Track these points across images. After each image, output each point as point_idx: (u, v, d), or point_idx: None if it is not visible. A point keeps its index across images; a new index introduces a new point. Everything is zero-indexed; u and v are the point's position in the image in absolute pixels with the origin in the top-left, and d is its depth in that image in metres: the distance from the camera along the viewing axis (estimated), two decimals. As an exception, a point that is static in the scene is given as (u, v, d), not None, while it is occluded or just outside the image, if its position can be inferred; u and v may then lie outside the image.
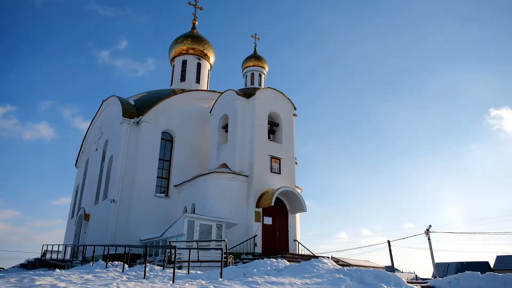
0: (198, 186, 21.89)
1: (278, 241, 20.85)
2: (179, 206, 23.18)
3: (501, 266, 78.33)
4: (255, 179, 21.09)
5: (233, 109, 23.29)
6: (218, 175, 21.03)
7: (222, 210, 20.04)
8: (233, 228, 19.82)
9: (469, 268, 76.55)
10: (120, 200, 22.40)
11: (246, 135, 22.45)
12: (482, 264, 75.05)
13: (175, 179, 24.38)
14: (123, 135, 23.83)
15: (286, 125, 23.85)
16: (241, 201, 20.96)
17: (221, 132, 24.38)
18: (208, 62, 35.61)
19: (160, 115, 25.11)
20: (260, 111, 22.80)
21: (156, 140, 24.51)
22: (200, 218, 18.45)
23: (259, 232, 20.10)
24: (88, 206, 26.62)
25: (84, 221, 26.01)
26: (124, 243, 21.07)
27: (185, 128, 25.82)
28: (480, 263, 75.12)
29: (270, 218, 20.98)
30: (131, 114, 24.60)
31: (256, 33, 27.98)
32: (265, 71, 26.31)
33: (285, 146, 23.19)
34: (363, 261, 24.51)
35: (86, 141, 33.13)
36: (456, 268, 77.59)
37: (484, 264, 75.17)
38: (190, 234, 17.95)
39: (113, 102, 27.64)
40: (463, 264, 75.23)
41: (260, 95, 23.15)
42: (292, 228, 21.62)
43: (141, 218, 22.35)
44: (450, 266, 79.68)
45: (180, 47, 34.71)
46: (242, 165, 21.71)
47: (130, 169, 23.22)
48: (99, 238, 22.63)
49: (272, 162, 22.10)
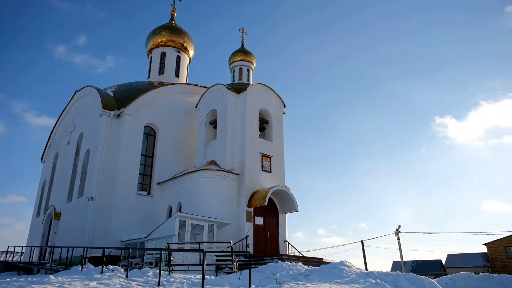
0: (185, 184, 20.73)
1: (269, 242, 20.15)
2: (163, 205, 21.88)
3: (452, 264, 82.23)
4: (247, 177, 20.26)
5: (222, 104, 22.32)
6: (208, 172, 20.01)
7: (212, 210, 19.03)
8: (224, 228, 18.89)
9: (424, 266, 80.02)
10: (98, 198, 20.78)
11: (236, 131, 21.57)
12: (436, 262, 78.54)
13: (157, 176, 23.02)
14: (102, 128, 22.17)
15: (276, 122, 23.21)
16: (232, 201, 20.07)
17: (209, 127, 23.33)
18: (188, 56, 34.29)
19: (142, 108, 23.63)
20: (251, 107, 22.00)
21: (138, 134, 23.03)
22: (192, 217, 17.37)
23: (250, 232, 19.30)
24: (59, 204, 24.60)
25: (54, 220, 24.00)
26: (104, 244, 19.65)
27: (168, 123, 24.50)
28: (433, 262, 78.58)
29: (262, 218, 20.25)
30: (111, 106, 22.96)
31: (244, 27, 27.12)
32: (253, 66, 25.51)
33: (275, 144, 22.54)
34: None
35: (54, 134, 30.75)
36: (411, 266, 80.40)
37: (437, 262, 78.75)
38: (182, 234, 16.86)
39: (88, 93, 25.77)
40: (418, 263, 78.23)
41: (251, 91, 22.34)
42: (282, 229, 21.00)
43: (122, 218, 20.85)
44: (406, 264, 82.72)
45: (159, 38, 33.15)
46: (232, 163, 20.81)
47: (110, 164, 21.63)
48: (74, 238, 20.85)
49: (263, 160, 21.37)
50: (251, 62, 25.41)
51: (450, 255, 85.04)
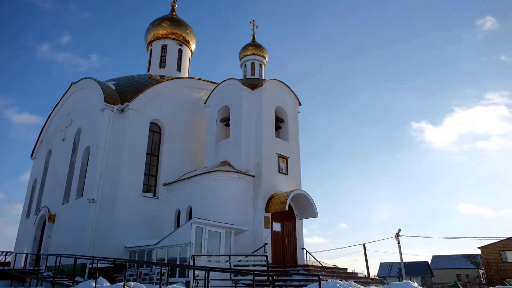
0: (196, 186, 19.09)
1: (287, 250, 18.72)
2: (170, 208, 20.21)
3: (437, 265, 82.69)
4: (264, 180, 18.77)
5: (236, 100, 20.75)
6: (222, 174, 18.42)
7: (226, 215, 17.47)
8: (239, 236, 17.37)
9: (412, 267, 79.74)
10: (100, 200, 18.98)
11: (251, 130, 20.04)
12: (423, 264, 78.81)
13: (163, 177, 21.32)
14: (104, 123, 20.33)
15: (292, 121, 21.78)
16: (248, 205, 18.56)
17: (220, 125, 21.72)
18: (190, 49, 32.60)
19: (147, 103, 21.86)
20: (267, 104, 20.50)
21: (143, 131, 21.26)
22: (209, 224, 15.79)
23: (268, 240, 17.82)
24: (53, 205, 22.63)
25: (49, 222, 22.04)
26: (106, 250, 18.00)
27: (175, 119, 22.78)
28: (420, 263, 78.81)
29: (279, 224, 18.80)
30: (115, 100, 21.15)
31: (255, 20, 25.55)
32: (265, 61, 23.99)
33: (291, 144, 21.11)
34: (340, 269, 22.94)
35: (46, 129, 28.63)
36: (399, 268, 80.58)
37: (424, 264, 78.95)
38: (198, 243, 15.28)
39: (87, 85, 23.84)
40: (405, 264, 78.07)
41: (267, 87, 20.83)
42: (299, 235, 19.59)
43: (126, 222, 19.09)
44: (393, 266, 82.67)
45: (159, 30, 31.40)
46: (247, 164, 19.29)
47: (113, 163, 19.82)
48: (71, 243, 19.02)
49: (279, 162, 19.91)
50: (263, 56, 23.87)
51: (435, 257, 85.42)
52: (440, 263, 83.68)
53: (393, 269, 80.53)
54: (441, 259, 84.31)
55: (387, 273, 79.03)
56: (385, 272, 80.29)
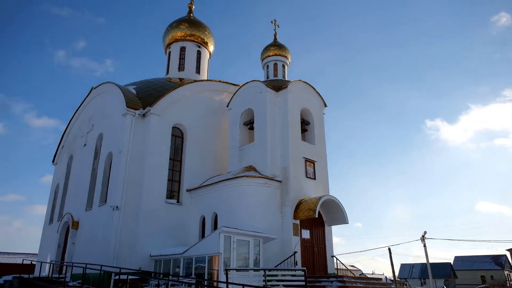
0: (220, 192, 18.54)
1: (317, 258, 18.00)
2: (195, 215, 19.72)
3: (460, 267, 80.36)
4: (291, 185, 18.09)
5: (260, 103, 20.12)
6: (248, 179, 17.81)
7: (253, 222, 16.87)
8: (267, 244, 16.72)
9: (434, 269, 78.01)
10: (124, 207, 18.61)
11: (276, 133, 19.39)
12: (445, 265, 76.45)
13: (186, 183, 20.85)
14: (126, 129, 19.96)
15: (318, 123, 21.05)
16: (275, 212, 17.92)
17: (243, 129, 21.13)
18: (208, 51, 32.16)
19: (169, 107, 21.40)
20: (292, 106, 19.81)
21: (166, 135, 20.82)
22: (238, 232, 15.20)
23: (298, 248, 17.13)
24: (76, 211, 22.39)
25: (72, 229, 21.82)
26: (131, 258, 17.66)
27: (197, 123, 22.27)
28: (443, 264, 76.45)
29: (308, 231, 18.09)
30: (136, 105, 20.75)
31: (276, 19, 24.89)
32: (288, 61, 23.31)
33: (318, 148, 20.38)
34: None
35: (67, 135, 28.53)
36: (420, 269, 78.63)
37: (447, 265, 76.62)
38: (227, 253, 14.71)
39: (107, 90, 23.55)
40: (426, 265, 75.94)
41: (292, 88, 20.14)
42: (329, 242, 18.85)
43: (150, 229, 18.66)
44: (415, 267, 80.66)
45: (177, 32, 31.04)
46: (273, 169, 18.65)
47: (136, 169, 19.43)
48: (96, 251, 18.75)
49: (306, 166, 19.21)
50: (285, 56, 23.20)
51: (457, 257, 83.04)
52: (463, 264, 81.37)
53: (414, 271, 78.68)
54: (464, 260, 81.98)
55: (408, 275, 77.29)
56: (406, 273, 78.52)
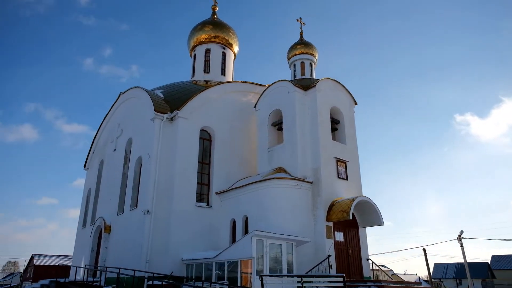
0: (251, 195, 18.26)
1: (351, 261, 17.43)
2: (225, 218, 19.53)
3: (498, 266, 76.73)
4: (323, 186, 17.60)
5: (288, 103, 19.72)
6: (278, 181, 17.45)
7: (285, 225, 16.49)
8: (299, 247, 16.29)
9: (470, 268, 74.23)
10: (155, 211, 18.65)
11: (306, 134, 18.94)
12: (482, 265, 72.96)
13: (215, 185, 20.71)
14: (155, 133, 20.02)
15: (348, 122, 20.44)
16: (307, 214, 17.48)
17: (272, 130, 20.79)
18: (233, 52, 32.01)
19: (196, 110, 21.32)
20: (322, 105, 19.31)
21: (194, 138, 20.74)
22: (270, 236, 14.87)
23: (332, 251, 16.62)
24: (108, 215, 22.65)
25: (105, 233, 22.09)
26: (163, 262, 17.69)
27: (224, 125, 22.11)
28: (479, 264, 73.00)
29: (341, 233, 17.55)
30: (164, 109, 20.79)
31: (301, 17, 24.40)
32: (315, 59, 22.79)
33: (349, 147, 19.78)
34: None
35: (98, 140, 29.03)
36: (455, 269, 75.67)
37: (484, 264, 73.17)
38: (259, 257, 14.40)
39: (135, 95, 23.75)
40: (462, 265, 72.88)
41: (321, 87, 19.64)
42: (364, 245, 18.24)
43: (181, 233, 18.61)
44: (449, 267, 77.76)
45: (202, 34, 31.03)
46: (304, 170, 18.20)
47: (166, 173, 19.46)
48: (128, 255, 18.88)
49: (338, 166, 18.66)
50: (313, 55, 22.68)
51: (495, 257, 79.39)
52: (501, 263, 77.83)
53: (448, 271, 75.97)
54: (502, 259, 78.37)
55: (442, 275, 74.69)
56: (440, 273, 75.88)
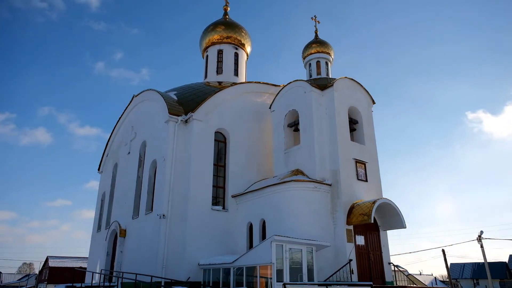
0: (268, 198, 17.84)
1: (373, 266, 16.89)
2: (241, 221, 19.16)
3: (517, 266, 74.75)
4: (343, 188, 17.10)
5: (305, 103, 19.25)
6: (296, 184, 17.00)
7: (303, 229, 16.04)
8: (319, 252, 15.83)
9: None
10: (170, 215, 18.36)
11: (324, 134, 18.46)
12: (500, 264, 71.18)
13: (231, 188, 20.34)
14: (169, 136, 19.75)
15: (367, 122, 19.90)
16: (326, 217, 16.99)
17: (288, 131, 20.35)
18: (245, 52, 31.66)
19: (211, 112, 20.99)
20: (339, 105, 18.81)
21: (209, 141, 20.42)
22: (290, 241, 14.44)
23: (353, 255, 16.11)
24: (123, 219, 22.48)
25: (120, 237, 21.90)
26: (179, 267, 17.43)
27: (239, 127, 21.74)
28: (497, 264, 71.21)
29: (362, 237, 17.02)
30: (178, 111, 20.51)
31: (316, 15, 23.90)
32: (331, 58, 22.28)
33: (368, 148, 19.24)
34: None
35: (112, 143, 28.94)
36: (472, 269, 74.05)
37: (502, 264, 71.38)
38: (279, 262, 13.97)
39: (149, 97, 23.53)
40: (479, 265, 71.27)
41: (338, 86, 19.13)
42: (385, 248, 17.68)
43: (197, 237, 18.26)
44: (466, 266, 76.12)
45: (214, 35, 30.76)
46: (322, 172, 17.72)
47: (181, 176, 19.16)
48: (144, 259, 18.64)
49: (357, 168, 18.13)
50: (328, 53, 22.19)
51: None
52: (521, 263, 76.00)
53: (465, 271, 74.47)
54: (521, 258, 76.53)
55: (459, 275, 73.22)
56: (457, 273, 74.35)
